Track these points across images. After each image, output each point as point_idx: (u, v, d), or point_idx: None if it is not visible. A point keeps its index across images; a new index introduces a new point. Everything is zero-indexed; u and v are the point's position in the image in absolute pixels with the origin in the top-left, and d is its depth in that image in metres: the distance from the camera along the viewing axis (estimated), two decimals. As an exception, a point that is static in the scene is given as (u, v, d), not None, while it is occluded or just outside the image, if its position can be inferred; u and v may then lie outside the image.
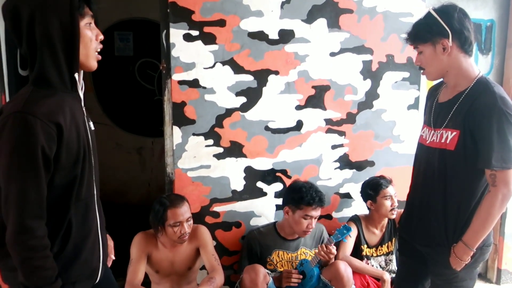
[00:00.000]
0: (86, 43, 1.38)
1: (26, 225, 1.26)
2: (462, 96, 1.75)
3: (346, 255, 2.71)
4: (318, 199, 2.49)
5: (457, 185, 1.77)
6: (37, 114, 1.25)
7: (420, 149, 1.96)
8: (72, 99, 1.39)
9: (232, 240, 2.75)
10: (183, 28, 2.44)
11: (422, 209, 1.90)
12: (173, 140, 2.53)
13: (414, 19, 2.77)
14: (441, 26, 1.70)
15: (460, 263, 1.75)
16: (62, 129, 1.30)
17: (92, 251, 1.48)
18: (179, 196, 2.36)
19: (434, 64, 1.77)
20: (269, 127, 2.67)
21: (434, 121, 1.87)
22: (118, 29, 4.45)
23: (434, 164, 1.82)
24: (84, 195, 1.42)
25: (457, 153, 1.73)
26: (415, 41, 1.80)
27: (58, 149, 1.30)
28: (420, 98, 2.93)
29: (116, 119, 4.67)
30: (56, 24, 1.30)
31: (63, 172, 1.33)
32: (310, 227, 2.51)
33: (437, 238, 1.83)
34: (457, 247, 1.76)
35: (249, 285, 2.37)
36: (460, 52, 1.73)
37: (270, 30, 2.58)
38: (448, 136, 1.76)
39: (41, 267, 1.28)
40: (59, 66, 1.34)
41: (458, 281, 1.83)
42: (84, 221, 1.44)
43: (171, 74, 2.46)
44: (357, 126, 2.84)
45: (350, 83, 2.78)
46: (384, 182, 2.72)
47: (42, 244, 1.29)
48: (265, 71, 2.61)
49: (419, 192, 1.94)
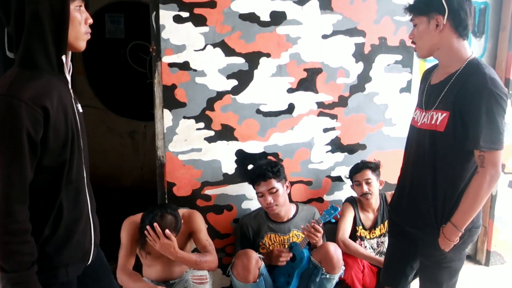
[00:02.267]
0: (75, 26, 1.36)
1: (8, 209, 1.25)
2: (453, 78, 1.76)
3: (346, 238, 2.74)
4: (257, 174, 2.52)
5: (446, 167, 1.79)
6: (22, 97, 1.24)
7: (412, 131, 1.96)
8: (59, 82, 1.37)
9: (224, 223, 2.75)
10: (173, 10, 2.40)
11: (412, 191, 1.91)
12: (163, 124, 2.52)
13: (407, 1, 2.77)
14: (439, 2, 1.70)
15: (449, 243, 1.78)
16: (48, 112, 1.28)
17: (84, 233, 1.48)
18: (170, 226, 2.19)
19: (425, 39, 1.78)
20: (260, 110, 2.66)
21: (426, 103, 1.87)
22: (109, 11, 4.39)
23: (424, 146, 1.84)
24: (74, 178, 1.41)
25: (447, 135, 1.74)
26: (412, 11, 1.81)
27: (45, 133, 1.28)
28: (412, 81, 2.92)
29: (108, 103, 4.63)
30: (46, 5, 1.28)
31: (51, 155, 1.32)
32: (268, 202, 2.52)
33: (426, 219, 1.85)
34: (445, 228, 1.78)
35: (241, 271, 2.39)
36: (453, 32, 1.73)
37: (262, 11, 2.55)
38: (438, 117, 1.77)
39: (18, 251, 1.28)
40: (46, 48, 1.32)
41: (447, 262, 1.85)
42: (75, 204, 1.44)
43: (161, 56, 2.43)
44: (349, 109, 2.83)
45: (342, 66, 2.76)
46: (359, 166, 2.74)
47: (23, 229, 1.29)
48: (257, 53, 2.58)
49: (409, 174, 1.95)
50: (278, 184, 2.53)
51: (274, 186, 2.51)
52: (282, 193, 2.55)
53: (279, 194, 2.53)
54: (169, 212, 2.22)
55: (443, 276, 1.88)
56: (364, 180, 2.72)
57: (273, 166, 2.54)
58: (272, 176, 2.51)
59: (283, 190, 2.56)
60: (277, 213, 2.60)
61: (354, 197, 2.87)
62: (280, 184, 2.54)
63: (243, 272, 2.38)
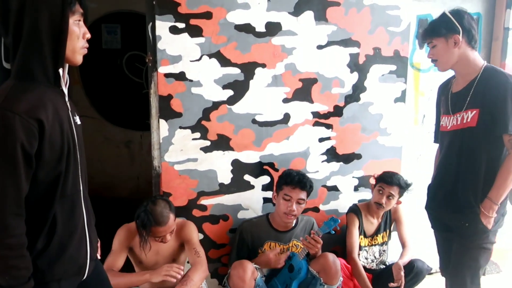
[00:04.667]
0: (73, 40, 1.37)
1: (4, 223, 1.24)
2: (476, 82, 2.09)
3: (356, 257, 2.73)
4: (298, 180, 2.53)
5: (480, 156, 2.07)
6: (17, 110, 1.23)
7: (443, 135, 2.27)
8: (55, 94, 1.37)
9: (220, 233, 2.75)
10: (169, 21, 2.42)
11: (448, 182, 2.19)
12: (159, 133, 2.52)
13: (400, 12, 2.81)
14: (454, 24, 2.06)
15: (489, 218, 2.05)
16: (43, 125, 1.27)
17: (79, 247, 1.46)
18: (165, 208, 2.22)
19: (446, 56, 2.11)
20: (256, 120, 2.67)
21: (453, 108, 2.18)
22: (105, 22, 4.41)
23: (457, 142, 2.14)
24: (69, 191, 1.40)
25: (479, 128, 2.05)
26: (432, 35, 2.12)
27: (40, 145, 1.27)
28: (406, 91, 2.94)
29: (104, 113, 4.64)
30: (45, 17, 1.28)
31: (46, 168, 1.31)
32: (290, 209, 2.52)
33: (466, 202, 2.11)
34: (484, 203, 2.06)
35: (237, 282, 2.38)
36: (467, 46, 2.08)
37: (257, 22, 2.57)
38: (469, 115, 2.08)
39: (15, 266, 1.26)
40: (43, 60, 1.32)
41: (487, 243, 2.12)
42: (69, 217, 1.41)
43: (158, 67, 2.45)
44: (344, 119, 2.85)
45: (337, 76, 2.78)
46: (394, 180, 2.71)
47: (19, 242, 1.27)
48: (252, 64, 2.60)
49: (444, 169, 2.24)
50: (306, 198, 2.59)
51: (304, 198, 2.56)
52: (303, 208, 2.60)
53: (301, 207, 2.58)
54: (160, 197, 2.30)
55: (482, 258, 2.14)
56: (388, 193, 2.71)
57: (311, 182, 2.60)
58: (308, 189, 2.56)
59: (304, 206, 2.62)
60: (289, 222, 2.62)
61: (357, 205, 2.86)
62: (306, 200, 2.59)
63: (238, 283, 2.37)
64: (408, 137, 3.07)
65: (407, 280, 2.65)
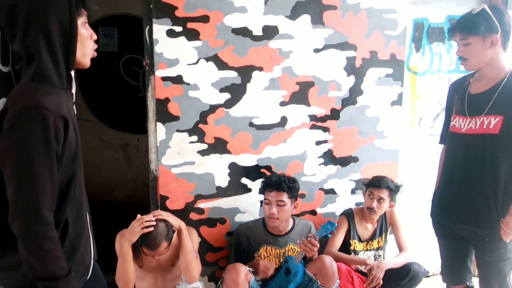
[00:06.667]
0: (83, 42, 1.41)
1: (45, 218, 1.27)
2: (501, 86, 1.95)
3: (332, 251, 2.73)
4: (273, 182, 2.53)
5: (502, 166, 1.96)
6: (50, 108, 1.27)
7: (455, 137, 2.12)
8: (68, 96, 1.40)
9: (217, 236, 2.75)
10: (166, 24, 2.42)
11: (464, 192, 2.07)
12: (157, 137, 2.52)
13: (397, 15, 2.83)
14: (494, 23, 1.88)
15: (510, 234, 1.96)
16: (68, 124, 1.32)
17: (86, 248, 1.49)
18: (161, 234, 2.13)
19: (479, 56, 1.94)
20: (253, 123, 2.68)
21: (470, 110, 2.04)
22: (102, 25, 4.41)
23: (475, 149, 2.00)
24: (77, 193, 1.43)
25: (502, 136, 1.92)
26: (469, 32, 1.92)
27: (63, 145, 1.31)
28: (403, 94, 2.96)
29: (101, 116, 4.63)
30: (55, 22, 1.31)
31: (64, 169, 1.34)
32: (271, 212, 2.52)
33: (486, 215, 2.01)
34: (505, 220, 1.96)
35: (230, 285, 2.38)
36: (501, 47, 1.93)
37: (254, 26, 2.58)
38: (491, 121, 1.95)
39: (60, 257, 1.30)
40: (57, 64, 1.35)
41: (508, 253, 2.04)
42: (78, 218, 1.45)
43: (155, 70, 2.45)
44: (341, 122, 2.85)
45: (334, 79, 2.79)
46: (382, 183, 2.70)
47: (57, 235, 1.31)
48: (249, 67, 2.60)
49: (457, 176, 2.10)
50: (288, 199, 2.55)
51: (283, 200, 2.53)
52: (287, 209, 2.56)
53: (284, 210, 2.54)
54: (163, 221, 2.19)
55: (506, 267, 2.08)
56: (378, 197, 2.70)
57: (291, 182, 2.56)
58: (286, 189, 2.53)
59: (289, 207, 2.57)
60: (276, 226, 2.60)
61: (352, 209, 2.86)
62: (289, 201, 2.56)
63: (232, 286, 2.37)
64: (404, 140, 3.08)
65: (404, 283, 2.65)
